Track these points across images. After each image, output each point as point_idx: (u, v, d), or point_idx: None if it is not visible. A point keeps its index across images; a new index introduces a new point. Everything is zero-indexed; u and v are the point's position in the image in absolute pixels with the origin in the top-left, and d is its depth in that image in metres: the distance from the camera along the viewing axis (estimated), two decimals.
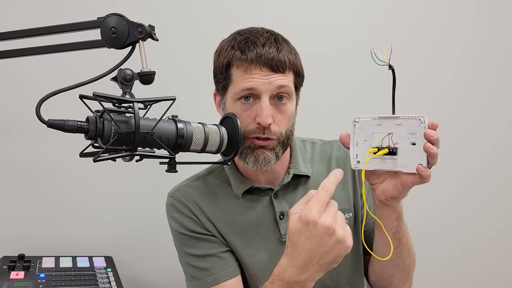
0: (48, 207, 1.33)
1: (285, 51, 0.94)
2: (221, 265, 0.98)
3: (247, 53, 0.92)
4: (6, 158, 1.31)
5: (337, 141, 1.08)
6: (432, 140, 0.74)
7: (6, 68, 1.26)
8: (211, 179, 1.05)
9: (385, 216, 0.87)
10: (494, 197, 1.71)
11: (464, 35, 1.67)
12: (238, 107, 0.93)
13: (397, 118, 0.78)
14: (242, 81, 0.92)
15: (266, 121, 0.90)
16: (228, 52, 0.95)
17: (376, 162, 0.81)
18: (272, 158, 0.94)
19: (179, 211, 1.01)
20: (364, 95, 1.55)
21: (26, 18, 1.30)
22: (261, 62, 0.91)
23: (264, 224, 1.00)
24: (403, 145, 0.78)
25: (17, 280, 1.06)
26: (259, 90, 0.91)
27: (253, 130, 0.92)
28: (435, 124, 0.75)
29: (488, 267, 1.71)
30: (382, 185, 0.84)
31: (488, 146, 1.71)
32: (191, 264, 1.00)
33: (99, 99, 0.72)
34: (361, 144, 0.83)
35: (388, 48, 0.76)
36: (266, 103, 0.91)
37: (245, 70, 0.91)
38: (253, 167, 0.94)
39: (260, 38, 0.94)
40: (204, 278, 0.97)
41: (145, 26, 0.79)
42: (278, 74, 0.92)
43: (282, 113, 0.94)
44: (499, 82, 1.71)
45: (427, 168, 0.76)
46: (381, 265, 0.99)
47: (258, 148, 0.93)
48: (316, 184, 1.02)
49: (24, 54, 0.84)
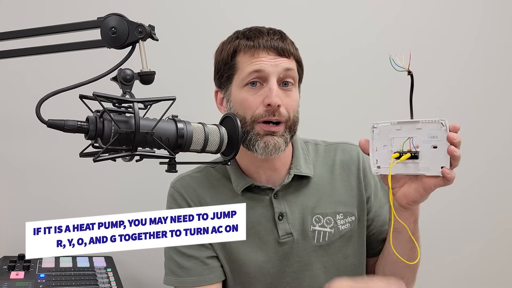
0: (48, 207, 1.33)
1: (288, 41, 0.98)
2: (202, 269, 0.99)
3: (253, 39, 0.95)
4: (6, 158, 1.31)
5: (342, 144, 1.09)
6: (455, 142, 0.75)
7: (6, 68, 1.26)
8: (212, 172, 1.06)
9: (404, 219, 0.87)
10: (498, 198, 1.71)
11: (471, 37, 1.66)
12: (246, 93, 0.94)
13: (416, 122, 0.79)
14: (249, 65, 0.93)
15: (276, 101, 0.91)
16: (232, 42, 0.97)
17: (399, 167, 0.81)
18: (282, 144, 0.94)
19: (177, 203, 1.02)
20: (369, 99, 1.55)
21: (26, 18, 1.30)
22: (268, 46, 0.93)
23: (263, 223, 1.00)
24: (424, 149, 0.78)
25: (17, 280, 1.06)
26: (267, 71, 0.92)
27: (262, 114, 0.93)
28: (457, 127, 0.76)
29: (490, 269, 1.71)
30: (403, 189, 0.84)
31: (497, 147, 1.70)
32: (174, 259, 1.01)
33: (99, 99, 0.72)
34: (380, 149, 0.83)
35: (406, 54, 0.77)
36: (275, 84, 0.92)
37: (252, 54, 0.94)
38: (262, 154, 0.93)
39: (263, 29, 0.98)
40: (184, 277, 0.99)
41: (145, 26, 0.79)
42: (284, 58, 0.94)
43: (288, 97, 0.95)
44: (509, 83, 1.70)
45: (451, 171, 0.76)
46: (394, 267, 1.00)
47: (268, 134, 0.93)
48: (318, 186, 1.02)
49: (24, 54, 0.84)
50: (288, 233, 0.99)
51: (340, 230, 1.01)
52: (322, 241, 1.00)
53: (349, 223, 1.01)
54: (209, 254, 1.00)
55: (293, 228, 0.99)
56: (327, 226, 1.00)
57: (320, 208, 1.01)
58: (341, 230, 1.01)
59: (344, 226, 1.01)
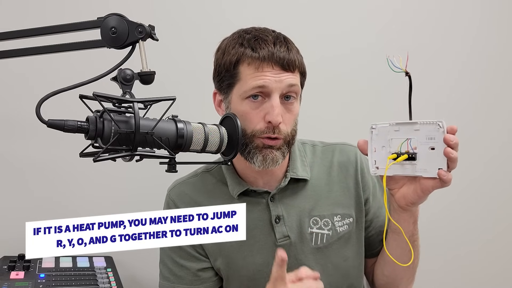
0: (48, 207, 1.33)
1: (294, 51, 0.94)
2: (193, 280, 1.00)
3: (258, 50, 0.91)
4: (6, 158, 1.31)
5: (339, 145, 1.08)
6: (452, 144, 0.74)
7: (6, 68, 1.26)
8: (208, 177, 1.05)
9: (403, 221, 0.87)
10: (497, 199, 1.71)
11: (469, 37, 1.65)
12: (247, 106, 0.92)
13: (414, 124, 0.79)
14: (252, 79, 0.90)
15: (277, 120, 0.90)
16: (236, 49, 0.93)
17: (396, 168, 0.81)
18: (279, 157, 0.93)
19: None
20: (368, 99, 1.55)
21: (26, 18, 1.30)
22: (273, 60, 0.90)
23: (259, 227, 0.99)
24: (422, 150, 0.78)
25: (17, 280, 1.06)
26: (271, 88, 0.90)
27: (263, 130, 0.91)
28: (454, 128, 0.76)
29: (489, 269, 1.71)
30: (402, 190, 0.84)
31: (495, 148, 1.69)
32: (167, 266, 1.02)
33: (99, 99, 0.72)
34: (379, 150, 0.83)
35: (405, 55, 0.77)
36: (277, 102, 0.90)
37: (256, 67, 0.90)
38: (260, 166, 0.92)
39: (269, 37, 0.93)
40: (176, 283, 1.01)
41: (145, 26, 0.79)
42: (289, 73, 0.92)
43: (289, 112, 0.94)
44: (507, 83, 1.70)
45: (448, 172, 0.76)
46: (393, 269, 0.99)
47: (266, 147, 0.92)
48: (315, 188, 1.02)
49: (24, 54, 0.84)
50: (285, 236, 0.99)
51: (338, 232, 1.00)
52: (320, 243, 0.99)
53: (347, 225, 1.01)
54: (201, 266, 1.01)
55: (290, 230, 0.99)
56: (324, 228, 0.99)
57: (318, 210, 1.00)
58: (339, 232, 1.00)
59: (342, 227, 1.00)
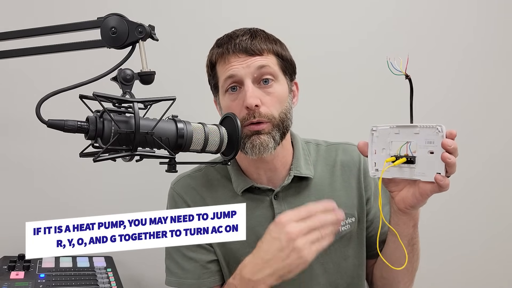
0: (48, 207, 1.33)
1: (259, 38, 0.96)
2: (202, 273, 1.00)
3: (223, 45, 0.95)
4: (6, 158, 1.31)
5: (343, 144, 1.08)
6: (450, 149, 0.74)
7: (6, 68, 1.26)
8: (212, 172, 1.05)
9: (403, 223, 0.87)
10: (497, 199, 1.71)
11: (466, 38, 1.65)
12: (228, 99, 0.96)
13: (414, 127, 0.79)
14: (224, 73, 0.95)
15: (251, 102, 0.90)
16: (211, 51, 0.99)
17: (394, 171, 0.81)
18: (269, 141, 0.93)
19: (177, 205, 1.02)
20: (369, 99, 1.55)
21: (26, 18, 1.30)
22: (237, 49, 0.93)
23: (263, 224, 0.99)
24: (421, 154, 0.78)
25: (17, 280, 1.06)
26: (240, 75, 0.93)
27: (245, 117, 0.93)
28: (453, 133, 0.75)
29: (489, 269, 1.71)
30: (401, 193, 0.84)
31: (495, 148, 1.69)
32: (175, 260, 1.01)
33: (99, 99, 0.72)
34: (379, 152, 0.83)
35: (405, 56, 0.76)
36: (249, 85, 0.92)
37: (224, 62, 0.95)
38: (252, 154, 0.93)
39: (237, 32, 0.97)
40: (183, 278, 1.00)
41: (145, 26, 0.79)
42: (256, 57, 0.94)
43: (269, 95, 0.94)
44: (505, 84, 1.70)
45: (445, 177, 0.75)
46: (391, 271, 0.99)
47: (253, 134, 0.93)
48: (318, 187, 1.02)
49: (24, 54, 0.84)
50: None
51: (340, 231, 1.00)
52: None
53: (349, 224, 1.01)
54: (210, 258, 1.01)
55: None
56: None
57: None
58: (341, 231, 1.00)
59: (344, 227, 1.00)
